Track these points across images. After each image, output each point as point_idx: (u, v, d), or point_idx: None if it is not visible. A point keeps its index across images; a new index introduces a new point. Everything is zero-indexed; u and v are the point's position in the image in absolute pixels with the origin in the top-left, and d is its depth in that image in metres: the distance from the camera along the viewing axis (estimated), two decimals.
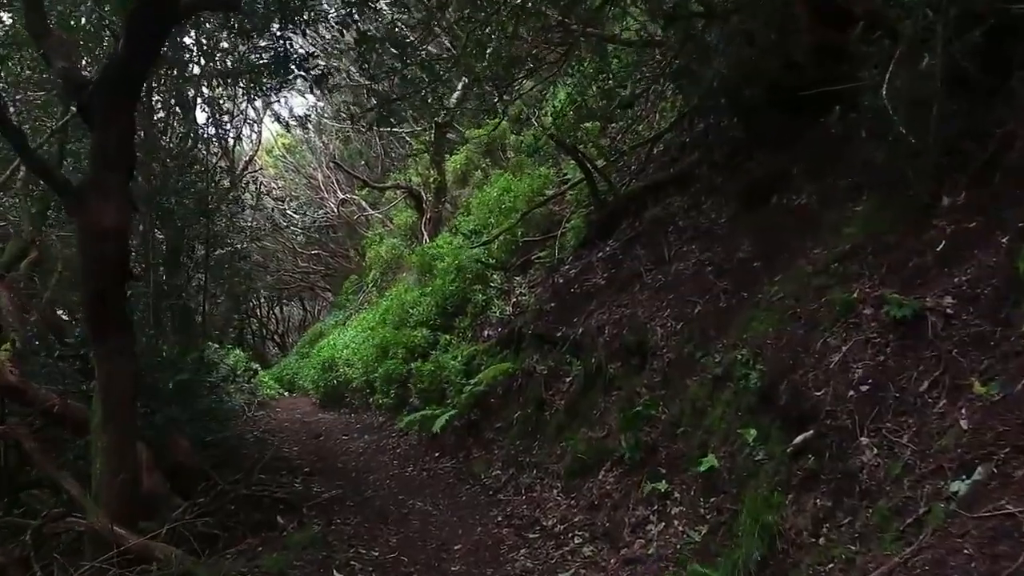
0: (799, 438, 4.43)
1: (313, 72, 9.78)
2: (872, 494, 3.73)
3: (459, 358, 11.19)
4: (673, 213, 9.36)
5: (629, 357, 7.44)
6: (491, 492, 8.08)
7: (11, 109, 10.03)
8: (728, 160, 9.24)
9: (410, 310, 13.46)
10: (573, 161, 12.79)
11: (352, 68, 11.12)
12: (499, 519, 7.24)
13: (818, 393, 4.54)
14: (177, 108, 12.48)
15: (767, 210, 7.60)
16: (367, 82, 9.02)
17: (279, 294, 35.00)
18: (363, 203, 22.45)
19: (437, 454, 10.03)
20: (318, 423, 14.44)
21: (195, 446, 8.53)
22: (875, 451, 3.89)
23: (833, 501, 3.96)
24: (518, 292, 11.50)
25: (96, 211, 5.80)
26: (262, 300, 37.41)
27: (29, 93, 10.24)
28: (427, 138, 17.14)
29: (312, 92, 10.01)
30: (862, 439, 4.01)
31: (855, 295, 4.91)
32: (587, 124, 12.18)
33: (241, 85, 11.37)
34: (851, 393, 4.29)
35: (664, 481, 5.70)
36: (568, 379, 8.51)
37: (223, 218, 12.58)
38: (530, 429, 8.66)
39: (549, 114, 11.70)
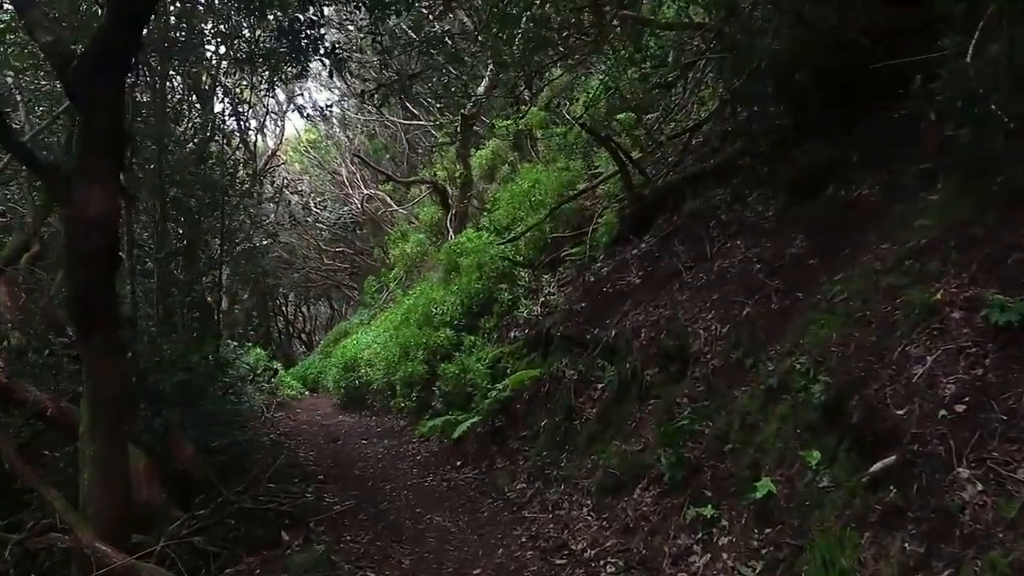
0: (878, 465, 3.74)
1: (329, 54, 9.20)
2: (979, 540, 3.04)
3: (484, 360, 10.58)
4: (714, 207, 8.66)
5: (668, 363, 6.76)
6: (515, 508, 7.43)
7: (18, 97, 9.62)
8: (774, 149, 8.54)
9: (434, 309, 12.87)
10: (605, 153, 12.16)
11: (366, 47, 10.39)
12: (523, 540, 6.59)
13: (899, 412, 3.84)
14: (194, 96, 12.02)
15: (821, 202, 6.91)
16: (380, 56, 8.31)
17: (306, 292, 34.68)
18: (388, 199, 21.90)
19: (459, 463, 9.42)
20: (337, 426, 13.89)
21: (203, 452, 8.02)
22: (979, 486, 3.19)
23: (927, 546, 3.26)
24: (547, 291, 10.86)
25: (82, 198, 5.26)
26: (289, 298, 37.22)
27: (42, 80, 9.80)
28: (453, 130, 16.56)
29: (331, 76, 9.35)
30: (960, 470, 3.31)
31: (938, 296, 4.20)
32: (621, 115, 11.53)
33: (260, 70, 10.82)
34: (942, 413, 3.59)
35: (710, 506, 5.02)
36: (600, 386, 7.86)
37: (240, 212, 12.05)
38: (558, 439, 8.02)
39: (581, 102, 11.04)
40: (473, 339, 11.57)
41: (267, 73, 10.78)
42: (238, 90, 12.02)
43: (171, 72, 10.67)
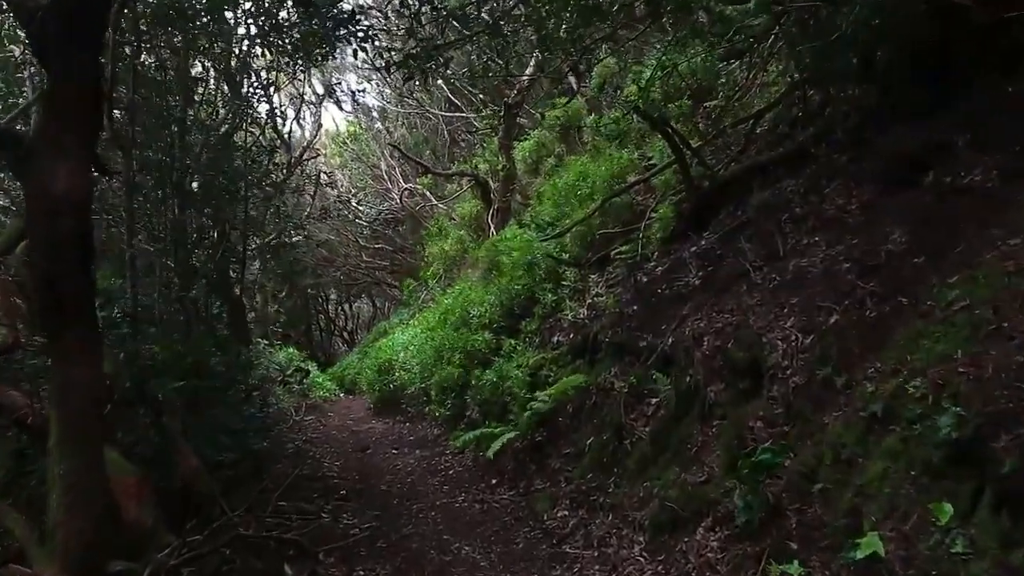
0: None
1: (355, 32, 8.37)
2: None
3: (524, 367, 9.68)
4: (786, 199, 7.63)
5: (736, 378, 5.77)
6: (555, 540, 6.49)
7: None
8: (854, 135, 7.53)
9: (472, 310, 12.00)
10: (660, 143, 11.16)
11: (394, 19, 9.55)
12: None
13: None
14: (223, 80, 11.32)
15: (920, 191, 5.86)
16: (408, 20, 7.44)
17: (347, 290, 34.15)
18: (427, 193, 21.09)
19: (494, 481, 8.52)
20: (368, 432, 13.09)
21: (211, 464, 7.26)
22: None
23: None
24: (594, 292, 9.90)
25: (46, 174, 4.47)
26: (330, 296, 36.76)
27: None
28: (495, 121, 15.70)
29: (355, 55, 8.52)
30: None
31: None
32: (676, 103, 10.53)
33: (288, 49, 10.04)
34: None
35: (796, 562, 4.01)
36: (654, 401, 6.89)
37: (266, 203, 11.28)
38: (605, 460, 7.07)
39: (634, 86, 10.06)
40: (513, 343, 10.67)
41: (296, 54, 9.99)
42: (267, 73, 11.26)
43: (197, 54, 9.97)
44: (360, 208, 24.98)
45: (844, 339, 4.93)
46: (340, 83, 17.82)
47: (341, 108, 27.54)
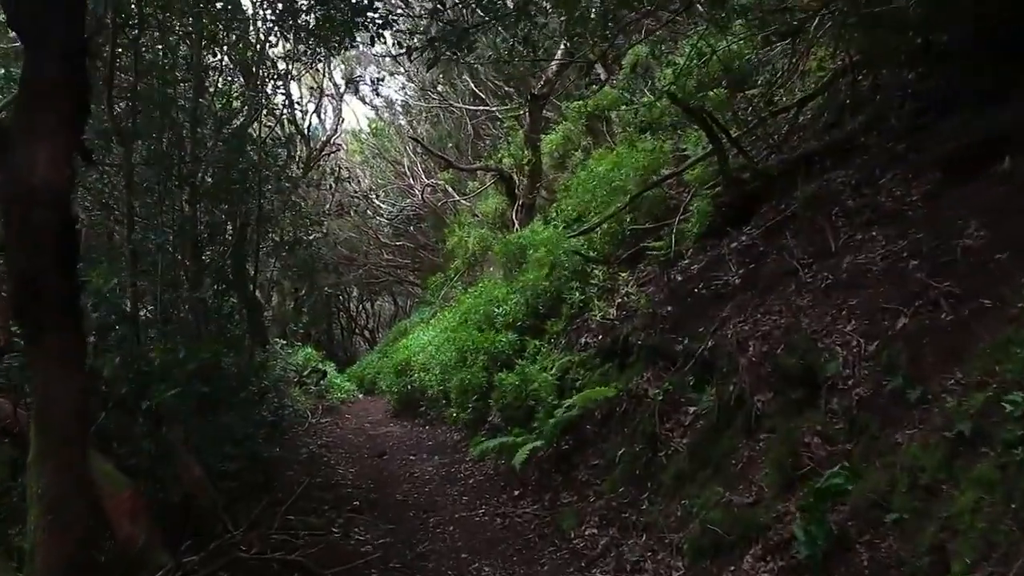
0: None
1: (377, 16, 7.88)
2: None
3: (549, 370, 9.14)
4: (836, 191, 7.02)
5: (787, 387, 5.19)
6: (583, 562, 5.94)
7: None
8: (911, 122, 6.97)
9: (495, 309, 11.47)
10: (695, 134, 10.59)
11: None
12: None
13: None
14: (238, 70, 10.87)
15: (993, 181, 5.26)
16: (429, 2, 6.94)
17: (368, 288, 33.77)
18: (449, 189, 20.53)
19: (516, 493, 7.98)
20: (385, 437, 12.60)
21: (216, 474, 6.79)
22: None
23: None
24: (624, 291, 9.34)
25: (22, 161, 3.99)
26: (352, 294, 36.42)
27: None
28: (521, 111, 15.16)
29: (372, 43, 8.04)
30: None
31: None
32: (712, 91, 9.92)
33: (304, 38, 9.58)
34: None
35: None
36: (692, 410, 6.32)
37: (280, 197, 10.78)
38: (638, 473, 6.51)
39: (669, 72, 9.49)
40: (537, 344, 10.13)
41: (312, 41, 9.53)
42: (284, 63, 10.79)
43: (210, 42, 9.52)
44: (382, 206, 24.51)
45: (916, 346, 4.34)
46: (361, 76, 17.31)
47: (364, 102, 27.13)
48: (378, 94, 19.53)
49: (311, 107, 19.25)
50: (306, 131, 18.11)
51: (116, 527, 5.48)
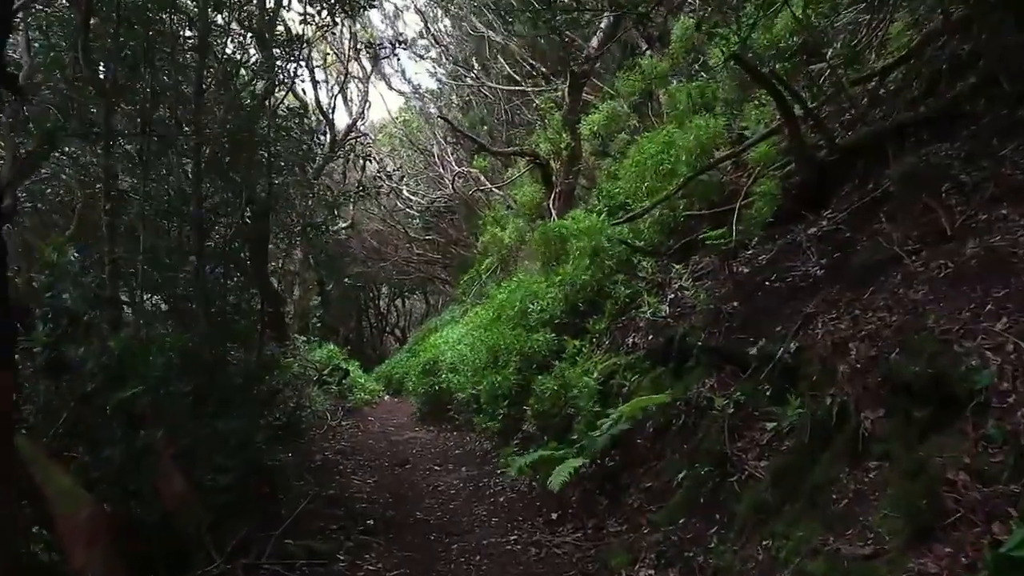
0: None
1: None
2: None
3: (591, 374, 8.07)
4: (942, 165, 5.87)
5: (909, 403, 4.05)
6: None
7: None
8: None
9: (531, 305, 10.39)
10: (755, 111, 9.45)
11: None
12: None
13: None
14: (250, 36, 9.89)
15: None
16: None
17: (399, 285, 32.89)
18: (481, 177, 19.43)
19: (554, 516, 6.90)
20: (409, 443, 11.59)
21: (212, 486, 5.81)
22: None
23: None
24: (677, 285, 8.23)
25: None
26: (382, 291, 35.60)
27: None
28: (559, 94, 14.05)
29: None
30: None
31: None
32: (777, 64, 8.75)
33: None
34: None
35: None
36: (772, 426, 5.20)
37: (292, 176, 9.77)
38: (703, 501, 5.41)
39: (731, 40, 8.33)
40: (577, 344, 9.04)
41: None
42: (299, 27, 9.75)
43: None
44: (411, 197, 23.52)
45: None
46: (382, 43, 16.24)
47: (390, 86, 26.27)
48: (397, 58, 18.46)
49: (335, 89, 18.41)
50: (330, 113, 17.26)
51: (69, 555, 4.53)
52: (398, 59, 22.20)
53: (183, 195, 7.82)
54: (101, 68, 6.45)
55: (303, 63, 10.88)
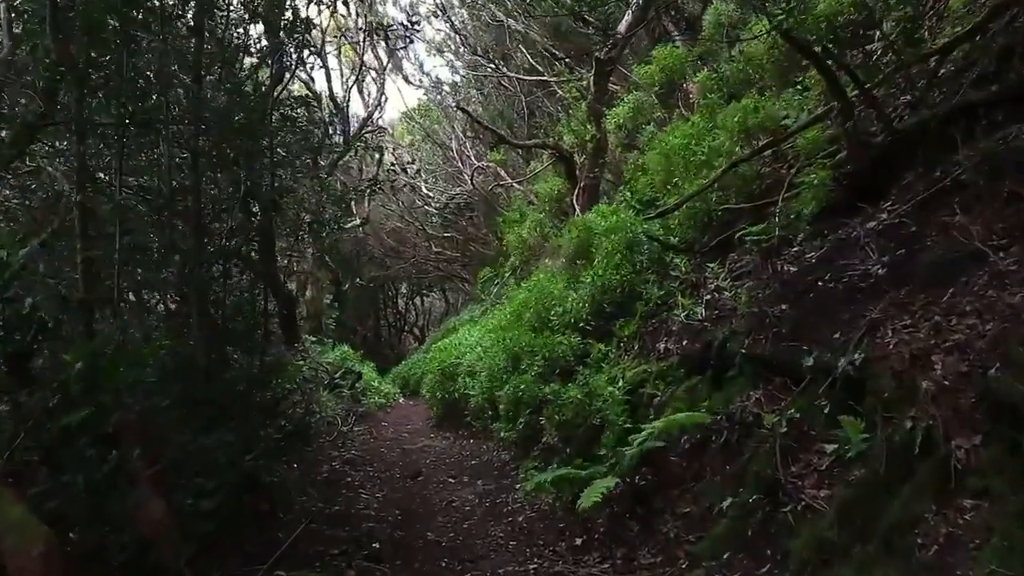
0: None
1: None
2: None
3: (619, 382, 7.38)
4: None
5: (1014, 428, 3.34)
6: None
7: None
8: None
9: (553, 307, 9.70)
10: (797, 97, 8.71)
11: None
12: None
13: None
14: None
15: None
16: None
17: (418, 283, 32.32)
18: (500, 171, 18.71)
19: (579, 540, 6.19)
20: (423, 452, 10.94)
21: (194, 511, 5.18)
22: None
23: None
24: (714, 285, 7.52)
25: None
26: (400, 290, 35.08)
27: None
28: (584, 83, 13.34)
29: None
30: None
31: None
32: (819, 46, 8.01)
33: None
34: None
35: None
36: (832, 449, 4.49)
37: (294, 168, 9.10)
38: (751, 534, 4.71)
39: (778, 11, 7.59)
40: (603, 349, 8.36)
41: None
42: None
43: None
44: (429, 194, 22.90)
45: None
46: (392, 23, 15.68)
47: (408, 81, 25.69)
48: (411, 41, 17.81)
49: (350, 80, 17.79)
50: (344, 106, 16.64)
51: None
52: (415, 53, 21.65)
53: (180, 188, 7.23)
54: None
55: (312, 49, 10.20)
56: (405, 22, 14.93)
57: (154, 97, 6.44)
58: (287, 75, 8.95)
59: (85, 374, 4.54)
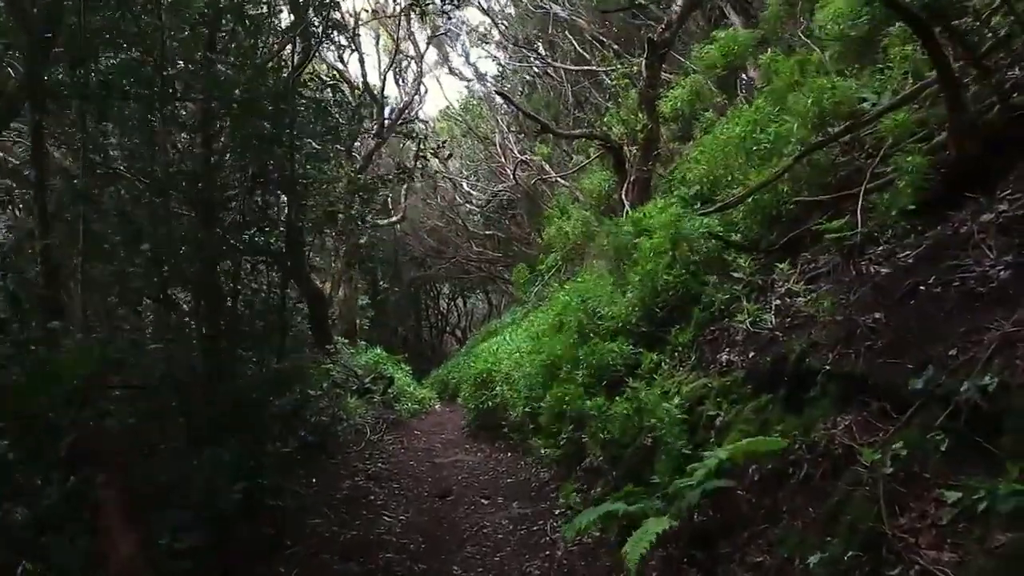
0: None
1: None
2: None
3: (675, 398, 6.47)
4: None
5: None
6: None
7: None
8: None
9: (599, 310, 8.81)
10: (877, 78, 7.70)
11: None
12: None
13: None
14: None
15: None
16: None
17: (460, 284, 31.63)
18: (545, 165, 17.81)
19: None
20: (454, 467, 10.09)
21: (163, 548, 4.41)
22: None
23: None
24: (784, 289, 6.56)
25: None
26: (443, 291, 34.51)
27: None
28: (635, 70, 12.40)
29: None
30: None
31: None
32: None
33: None
34: None
35: None
36: (957, 499, 3.52)
37: (316, 156, 8.30)
38: None
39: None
40: (656, 359, 7.45)
41: None
42: None
43: None
44: (471, 192, 22.12)
45: None
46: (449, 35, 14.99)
47: (452, 71, 24.91)
48: (450, 18, 16.97)
49: (386, 65, 17.06)
50: (379, 95, 15.90)
51: None
52: (463, 43, 20.85)
53: (187, 174, 6.52)
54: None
55: (340, 26, 9.45)
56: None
57: (117, 57, 5.66)
58: (312, 53, 8.12)
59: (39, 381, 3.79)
